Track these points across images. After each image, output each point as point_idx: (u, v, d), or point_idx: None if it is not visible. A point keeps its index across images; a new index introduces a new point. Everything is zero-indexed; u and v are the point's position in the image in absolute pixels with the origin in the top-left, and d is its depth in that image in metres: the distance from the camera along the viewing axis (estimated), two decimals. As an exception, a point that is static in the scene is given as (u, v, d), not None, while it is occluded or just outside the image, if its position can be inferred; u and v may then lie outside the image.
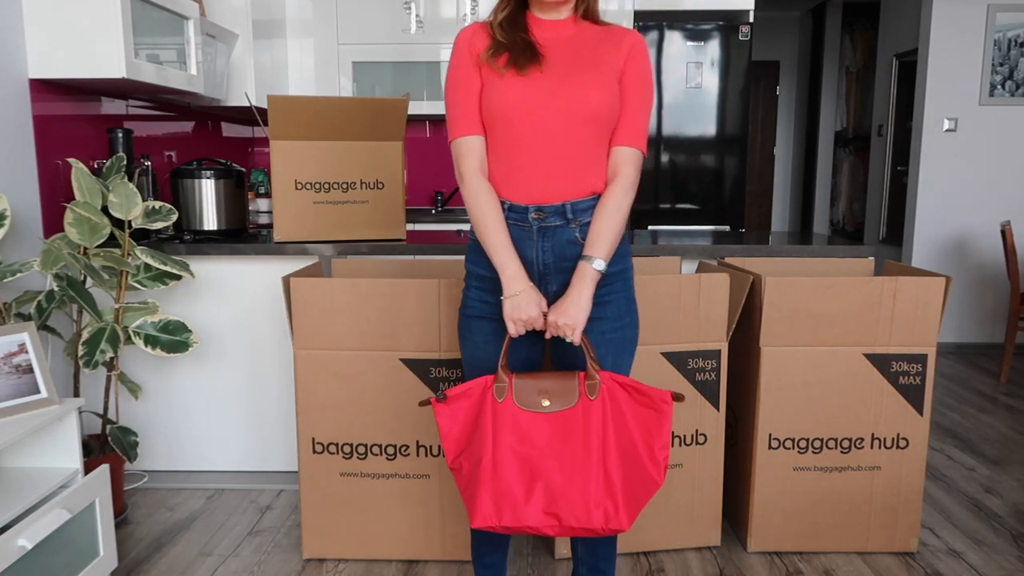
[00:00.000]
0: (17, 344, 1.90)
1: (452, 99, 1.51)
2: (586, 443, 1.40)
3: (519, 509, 1.39)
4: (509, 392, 1.44)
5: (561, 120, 1.45)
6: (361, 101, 2.55)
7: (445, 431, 1.48)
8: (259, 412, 2.65)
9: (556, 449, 1.41)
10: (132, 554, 2.19)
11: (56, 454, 1.93)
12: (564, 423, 1.42)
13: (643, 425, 1.44)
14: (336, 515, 2.13)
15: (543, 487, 1.39)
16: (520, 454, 1.41)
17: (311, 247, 2.49)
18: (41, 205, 2.43)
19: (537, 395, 1.44)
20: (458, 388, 1.47)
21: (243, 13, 3.43)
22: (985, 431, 3.27)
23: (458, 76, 1.51)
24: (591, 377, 1.44)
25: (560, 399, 1.43)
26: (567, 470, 1.39)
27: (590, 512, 1.38)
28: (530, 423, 1.42)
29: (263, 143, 4.39)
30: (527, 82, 1.46)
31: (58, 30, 2.34)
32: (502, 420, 1.43)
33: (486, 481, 1.40)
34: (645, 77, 1.53)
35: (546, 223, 1.50)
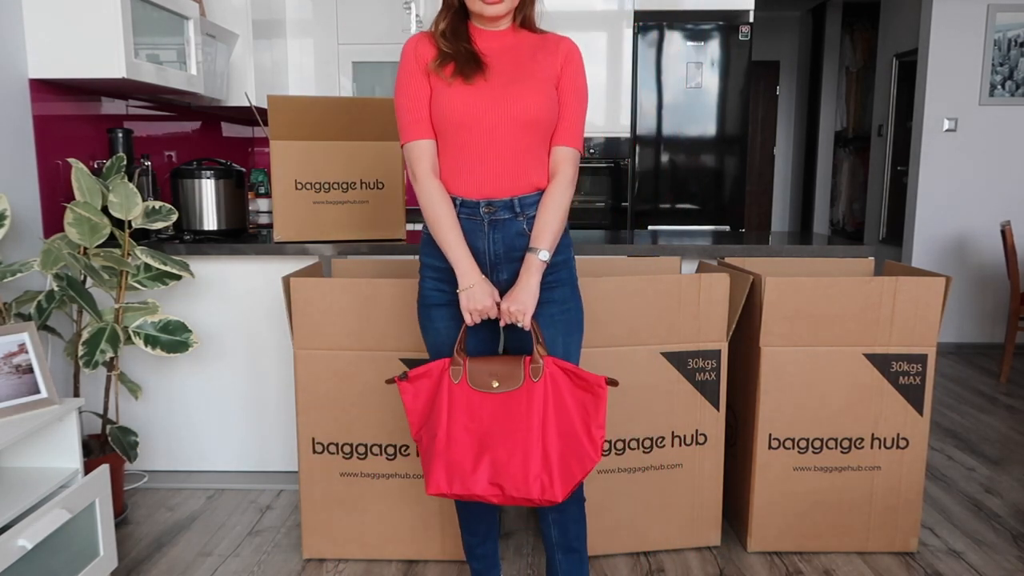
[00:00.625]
0: (17, 344, 1.90)
1: (403, 105, 1.62)
2: (528, 421, 1.54)
3: (467, 479, 1.54)
4: (464, 374, 1.59)
5: (505, 124, 1.57)
6: (361, 101, 2.55)
7: (409, 407, 1.63)
8: (259, 412, 2.65)
9: (502, 426, 1.55)
10: (132, 554, 2.19)
11: (56, 454, 1.93)
12: (510, 403, 1.56)
13: (581, 406, 1.56)
14: (336, 515, 2.13)
15: (489, 460, 1.54)
16: (471, 430, 1.56)
17: (311, 247, 2.49)
18: (41, 205, 2.43)
19: (488, 377, 1.58)
20: (419, 369, 1.61)
21: (243, 13, 3.43)
22: (985, 431, 3.27)
23: (408, 84, 1.62)
24: (535, 361, 1.57)
25: (508, 381, 1.57)
26: (510, 446, 1.53)
27: (528, 484, 1.51)
28: (481, 402, 1.57)
29: (263, 143, 4.39)
30: (473, 90, 1.57)
31: (58, 30, 2.34)
32: (456, 399, 1.58)
33: (440, 453, 1.56)
34: (579, 83, 1.66)
35: (496, 216, 1.61)
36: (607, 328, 2.04)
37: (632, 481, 2.14)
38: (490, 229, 1.62)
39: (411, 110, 1.61)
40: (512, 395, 1.56)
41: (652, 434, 2.12)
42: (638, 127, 3.98)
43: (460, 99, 1.57)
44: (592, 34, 3.95)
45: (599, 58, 3.96)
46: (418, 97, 1.61)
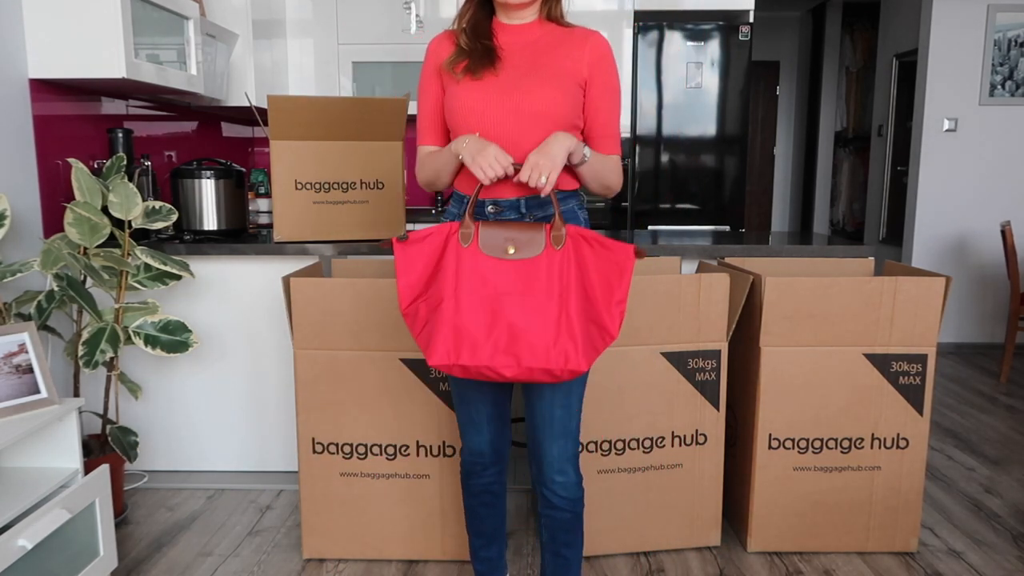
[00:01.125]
0: (17, 344, 1.90)
1: (419, 108, 1.64)
2: (548, 289, 1.42)
3: (478, 346, 1.40)
4: (475, 238, 1.45)
5: (513, 120, 1.50)
6: (361, 101, 2.55)
7: (402, 270, 1.47)
8: (259, 412, 2.65)
9: (519, 293, 1.43)
10: (132, 554, 2.19)
11: (56, 454, 1.93)
12: (528, 270, 1.43)
13: (604, 278, 1.45)
14: (336, 515, 2.13)
15: (504, 326, 1.41)
16: (482, 296, 1.43)
17: (311, 247, 2.49)
18: (41, 205, 2.43)
19: (503, 242, 1.45)
20: (421, 231, 1.48)
21: (243, 13, 3.43)
22: (985, 431, 3.27)
23: (423, 87, 1.62)
24: (557, 229, 1.45)
25: (525, 248, 1.44)
26: (529, 313, 1.41)
27: (549, 352, 1.39)
28: (494, 269, 1.44)
29: (263, 143, 4.39)
30: (480, 85, 1.53)
31: (58, 30, 2.34)
32: (465, 265, 1.44)
33: (446, 320, 1.42)
34: (612, 82, 1.57)
35: (502, 217, 1.57)
36: (607, 328, 2.04)
37: (632, 481, 2.14)
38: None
39: (423, 114, 1.62)
40: (530, 262, 1.43)
41: (652, 434, 2.12)
42: (638, 127, 3.98)
43: (465, 94, 1.53)
44: (592, 34, 3.94)
45: (599, 58, 3.95)
46: (428, 100, 1.61)
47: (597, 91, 1.56)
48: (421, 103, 1.63)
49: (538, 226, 1.46)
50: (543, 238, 1.44)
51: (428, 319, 1.45)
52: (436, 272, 1.47)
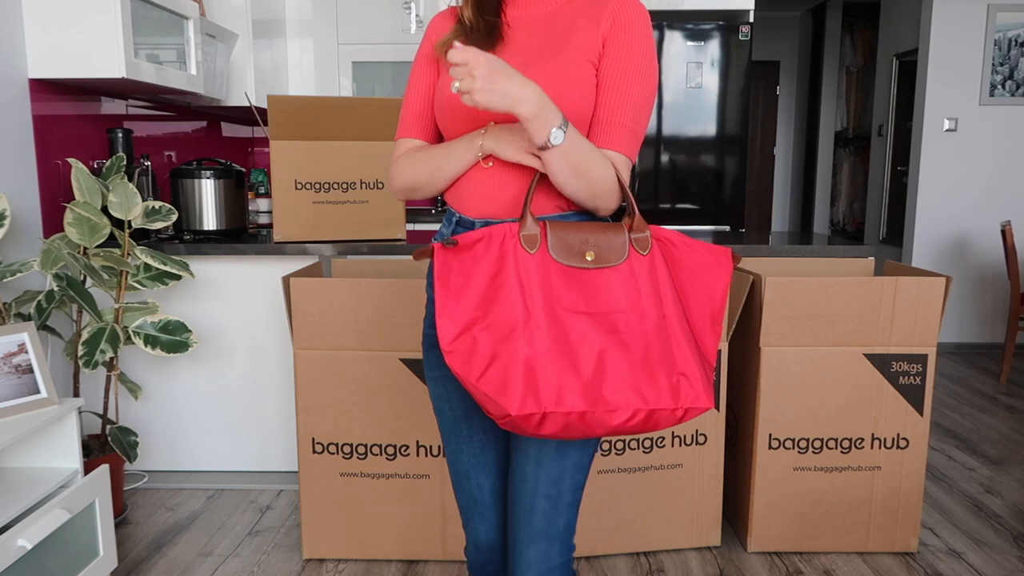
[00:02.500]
0: (17, 344, 1.90)
1: (406, 96, 1.32)
2: (642, 304, 1.12)
3: (568, 387, 1.05)
4: (543, 241, 1.13)
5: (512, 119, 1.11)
6: (361, 101, 2.55)
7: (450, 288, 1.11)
8: (259, 412, 2.65)
9: (609, 311, 1.11)
10: (132, 554, 2.19)
11: (56, 454, 1.93)
12: (614, 283, 1.13)
13: (699, 289, 1.18)
14: (336, 515, 2.13)
15: (595, 356, 1.07)
16: (562, 317, 1.09)
17: (311, 247, 2.49)
18: (41, 205, 2.43)
19: (580, 246, 1.13)
20: (473, 233, 1.14)
21: (243, 13, 3.43)
22: (985, 431, 3.27)
23: (415, 71, 1.31)
24: (639, 229, 1.16)
25: (606, 253, 1.14)
26: (626, 337, 1.10)
27: (661, 388, 1.07)
28: (571, 281, 1.11)
29: (263, 143, 4.39)
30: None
31: (58, 30, 2.34)
32: (534, 278, 1.10)
33: (521, 354, 1.05)
34: (630, 55, 1.18)
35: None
36: (607, 328, 2.04)
37: (632, 481, 2.14)
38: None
39: (410, 103, 1.31)
40: (615, 271, 1.13)
41: (652, 434, 2.12)
42: (638, 127, 3.97)
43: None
44: (592, 34, 3.94)
45: (599, 58, 3.96)
46: (416, 87, 1.30)
47: (607, 63, 1.18)
48: (410, 90, 1.30)
49: (615, 226, 1.16)
50: (624, 241, 1.15)
51: (496, 355, 1.07)
52: (496, 288, 1.11)
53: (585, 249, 1.14)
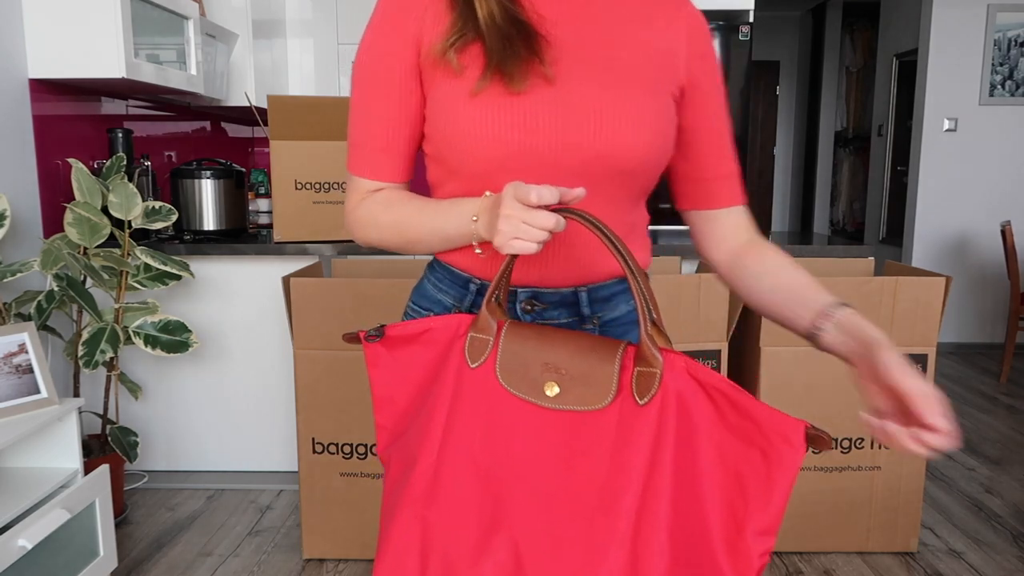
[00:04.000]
0: (17, 344, 1.90)
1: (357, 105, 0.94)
2: (611, 482, 0.74)
3: (457, 569, 0.77)
4: (493, 352, 0.81)
5: (577, 171, 0.85)
6: (361, 101, 2.54)
7: (378, 394, 0.89)
8: (259, 412, 2.65)
9: (552, 479, 0.76)
10: (132, 554, 2.19)
11: (56, 454, 1.93)
12: (579, 434, 0.76)
13: (733, 477, 0.72)
14: (336, 515, 2.13)
15: (508, 541, 0.76)
16: (485, 470, 0.78)
17: (311, 247, 2.49)
18: (41, 205, 2.43)
19: (541, 372, 0.79)
20: (409, 325, 0.86)
21: (243, 13, 3.43)
22: (985, 431, 3.27)
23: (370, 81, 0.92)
24: (646, 360, 0.75)
25: (580, 388, 0.77)
26: (563, 523, 0.75)
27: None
28: (517, 420, 0.79)
29: (263, 143, 4.39)
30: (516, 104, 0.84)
31: (58, 30, 2.34)
32: (468, 402, 0.81)
33: (413, 502, 0.80)
34: (720, 89, 0.96)
35: (544, 318, 0.93)
36: (607, 328, 2.04)
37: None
38: None
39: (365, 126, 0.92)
40: (586, 419, 0.76)
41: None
42: (638, 127, 3.98)
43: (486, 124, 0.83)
44: (592, 34, 3.95)
45: (599, 58, 3.96)
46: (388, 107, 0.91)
47: (709, 98, 0.94)
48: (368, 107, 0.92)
49: (609, 344, 0.79)
50: (614, 373, 0.77)
51: (394, 489, 0.84)
52: (424, 401, 0.85)
53: (546, 376, 0.78)
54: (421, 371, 0.87)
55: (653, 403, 0.74)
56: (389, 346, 0.88)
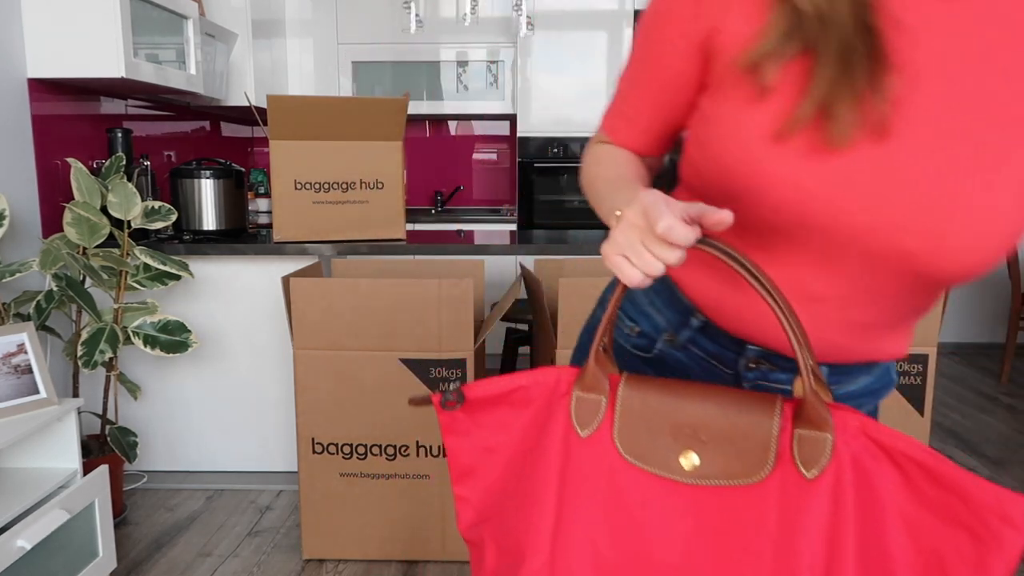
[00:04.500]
0: (16, 344, 1.89)
1: (626, 68, 0.81)
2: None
3: None
4: (608, 415, 0.66)
5: (871, 267, 0.66)
6: (361, 101, 2.55)
7: (460, 465, 0.74)
8: (259, 412, 2.64)
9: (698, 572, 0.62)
10: (132, 554, 2.19)
11: (55, 454, 1.93)
12: (729, 517, 0.62)
13: (930, 562, 0.59)
14: (336, 515, 2.13)
15: None
16: (611, 568, 0.64)
17: (311, 247, 2.49)
18: (40, 205, 2.43)
19: (674, 437, 0.63)
20: (495, 383, 0.72)
21: (243, 13, 3.43)
22: (985, 431, 3.27)
23: (645, 42, 0.76)
24: (811, 420, 0.61)
25: (726, 456, 0.62)
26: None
27: None
28: (647, 502, 0.64)
29: (263, 143, 4.39)
30: (828, 166, 0.63)
31: (57, 30, 2.33)
32: (582, 480, 0.66)
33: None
34: None
35: (769, 380, 0.78)
36: (607, 328, 2.03)
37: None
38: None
39: (625, 87, 0.81)
40: (736, 497, 0.62)
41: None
42: (638, 127, 3.97)
43: (777, 188, 0.64)
44: (592, 34, 3.95)
45: (599, 58, 3.96)
46: (646, 81, 0.77)
47: None
48: (640, 69, 0.78)
49: (758, 398, 0.64)
50: (772, 435, 0.61)
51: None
52: (518, 478, 0.70)
53: (682, 443, 0.62)
54: (513, 439, 0.70)
55: (825, 475, 0.59)
56: (470, 411, 0.72)
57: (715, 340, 0.76)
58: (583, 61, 3.97)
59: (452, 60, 4.13)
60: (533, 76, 4.00)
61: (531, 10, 3.91)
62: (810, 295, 0.69)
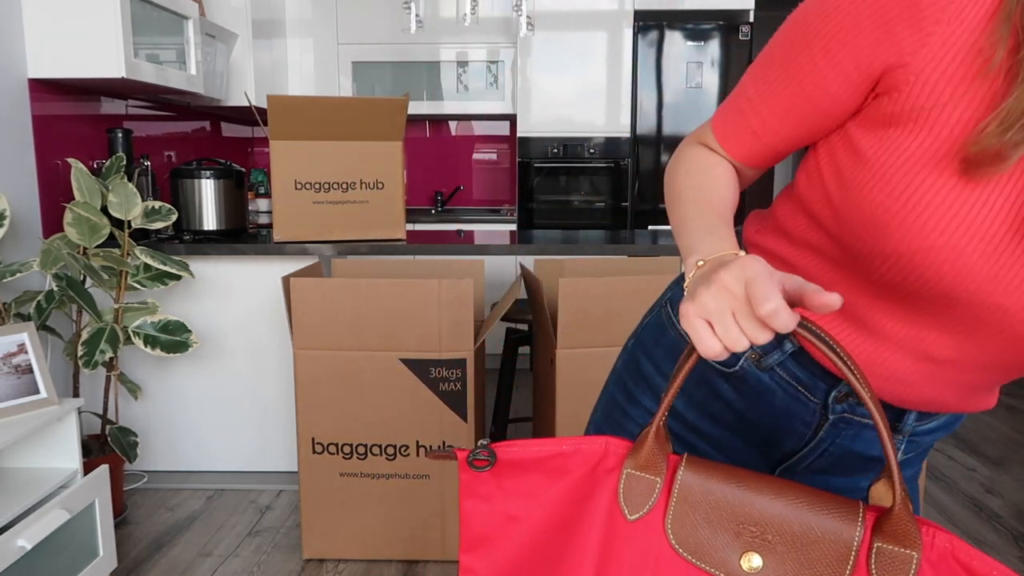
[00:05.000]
0: (17, 344, 1.89)
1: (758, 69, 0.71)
2: None
3: None
4: (663, 499, 0.60)
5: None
6: (361, 101, 2.55)
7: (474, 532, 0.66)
8: (259, 412, 2.64)
9: None
10: (132, 554, 2.19)
11: (56, 454, 1.93)
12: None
13: None
14: (336, 515, 2.13)
15: None
16: None
17: (311, 247, 2.49)
18: (40, 205, 2.43)
19: (735, 533, 0.58)
20: (531, 444, 0.64)
21: (243, 13, 3.43)
22: (985, 431, 3.27)
23: (799, 50, 0.66)
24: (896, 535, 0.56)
25: (794, 563, 0.56)
26: None
27: None
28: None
29: (263, 143, 4.39)
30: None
31: (58, 30, 2.33)
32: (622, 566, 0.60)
33: None
34: None
35: (851, 414, 0.76)
36: (607, 328, 2.04)
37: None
38: (826, 426, 0.76)
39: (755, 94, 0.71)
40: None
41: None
42: (638, 127, 3.97)
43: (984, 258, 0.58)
44: (592, 34, 3.95)
45: (599, 58, 3.96)
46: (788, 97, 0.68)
47: None
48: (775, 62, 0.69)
49: (837, 502, 0.58)
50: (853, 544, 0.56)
51: None
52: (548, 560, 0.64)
53: (745, 542, 0.57)
54: (543, 511, 0.62)
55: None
56: (498, 473, 0.63)
57: (807, 368, 0.72)
58: (583, 61, 3.97)
59: (452, 60, 4.13)
60: (533, 76, 4.00)
61: (531, 10, 3.91)
62: (930, 356, 0.66)
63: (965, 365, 0.66)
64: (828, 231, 0.68)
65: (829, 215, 0.67)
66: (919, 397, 0.70)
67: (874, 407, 0.56)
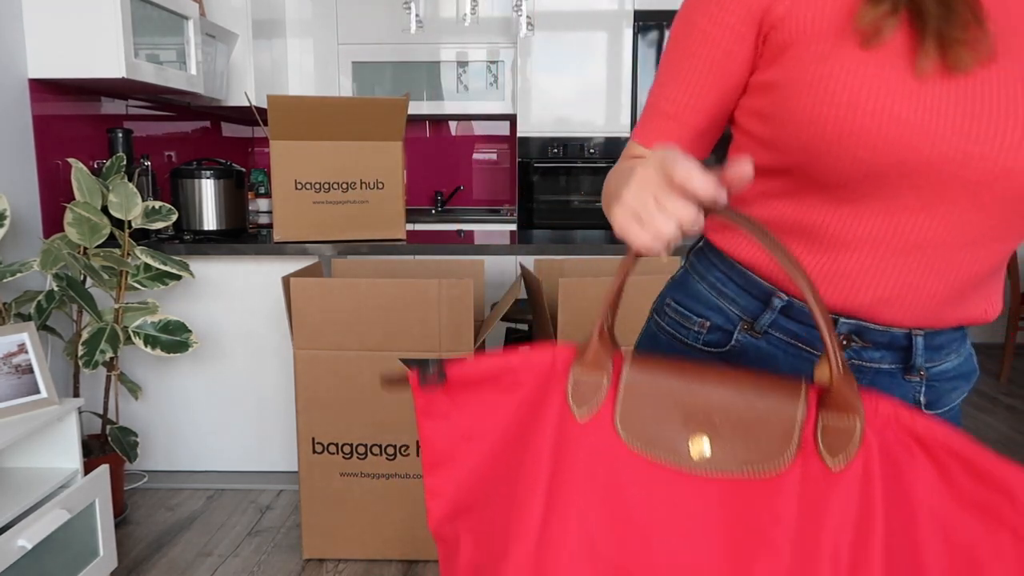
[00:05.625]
0: (17, 344, 1.90)
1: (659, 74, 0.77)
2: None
3: None
4: (610, 397, 0.60)
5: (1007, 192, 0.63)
6: (361, 101, 2.55)
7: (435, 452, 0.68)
8: (259, 412, 2.65)
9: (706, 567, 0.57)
10: (132, 554, 2.19)
11: (56, 454, 1.93)
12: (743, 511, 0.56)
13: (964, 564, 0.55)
14: (336, 515, 2.13)
15: None
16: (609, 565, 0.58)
17: (311, 247, 2.49)
18: (41, 205, 2.43)
19: (683, 422, 0.58)
20: (481, 360, 0.66)
21: (243, 13, 3.43)
22: (985, 431, 3.27)
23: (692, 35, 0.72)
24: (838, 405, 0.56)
25: (741, 444, 0.56)
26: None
27: None
28: (651, 493, 0.58)
29: (263, 143, 4.39)
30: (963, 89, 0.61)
31: (58, 30, 2.34)
32: (578, 467, 0.60)
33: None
34: None
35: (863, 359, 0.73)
36: (607, 328, 2.04)
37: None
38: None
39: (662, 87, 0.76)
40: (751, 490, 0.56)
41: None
42: (638, 127, 3.98)
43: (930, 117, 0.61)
44: (592, 34, 3.95)
45: (599, 58, 3.96)
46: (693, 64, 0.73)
47: None
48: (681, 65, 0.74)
49: (779, 382, 0.59)
50: (796, 421, 0.56)
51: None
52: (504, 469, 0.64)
53: (692, 428, 0.56)
54: (499, 425, 0.63)
55: (852, 467, 0.53)
56: (451, 391, 0.65)
57: (801, 320, 0.71)
58: (583, 61, 3.97)
59: (452, 60, 4.13)
60: (533, 76, 4.00)
61: (531, 10, 3.91)
62: (913, 243, 0.67)
63: (946, 244, 0.67)
64: (775, 168, 0.71)
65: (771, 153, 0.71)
66: (916, 300, 0.70)
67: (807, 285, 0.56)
